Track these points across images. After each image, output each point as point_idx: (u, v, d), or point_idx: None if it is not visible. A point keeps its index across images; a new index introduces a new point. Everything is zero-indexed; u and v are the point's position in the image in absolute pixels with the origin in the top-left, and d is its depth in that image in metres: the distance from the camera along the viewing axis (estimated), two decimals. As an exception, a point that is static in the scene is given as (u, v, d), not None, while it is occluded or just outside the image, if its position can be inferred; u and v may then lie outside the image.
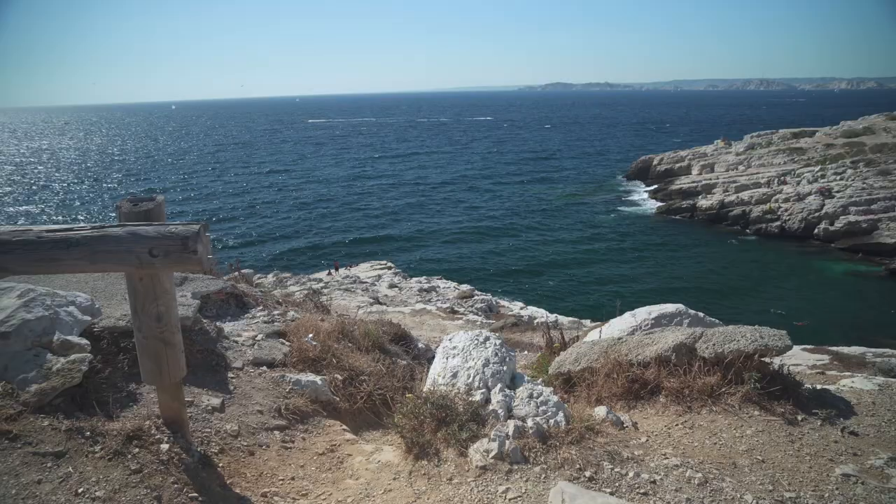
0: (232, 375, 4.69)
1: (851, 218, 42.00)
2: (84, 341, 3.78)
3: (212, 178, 78.96)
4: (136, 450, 3.17)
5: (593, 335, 6.14)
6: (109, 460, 3.08)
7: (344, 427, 4.60)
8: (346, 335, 5.86)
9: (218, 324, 5.39)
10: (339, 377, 5.12)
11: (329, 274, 27.95)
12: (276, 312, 6.39)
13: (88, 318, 4.05)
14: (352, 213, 57.60)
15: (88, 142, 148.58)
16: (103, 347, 4.04)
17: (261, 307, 6.51)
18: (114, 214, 3.08)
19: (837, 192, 45.46)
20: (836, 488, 3.32)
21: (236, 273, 9.41)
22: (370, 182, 74.96)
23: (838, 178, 47.65)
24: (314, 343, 5.43)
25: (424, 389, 4.12)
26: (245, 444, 3.91)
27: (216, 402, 4.16)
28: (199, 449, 3.56)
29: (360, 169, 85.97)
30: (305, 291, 19.31)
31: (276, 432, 4.18)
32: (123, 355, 4.04)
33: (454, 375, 4.04)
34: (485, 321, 16.52)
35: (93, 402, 3.54)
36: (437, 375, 4.13)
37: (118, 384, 3.87)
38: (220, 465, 3.61)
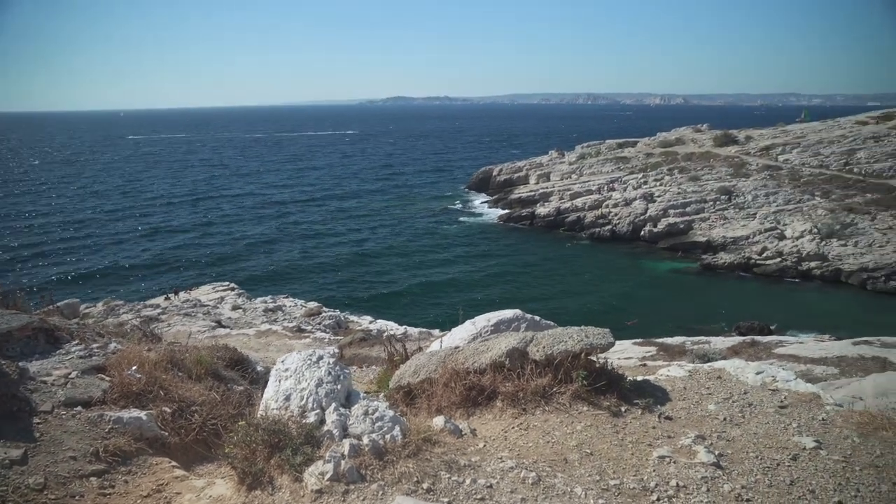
0: (38, 420, 4.20)
1: (671, 220, 46.23)
2: None
3: (29, 203, 69.93)
4: None
5: (434, 346, 6.20)
6: None
7: (173, 463, 4.28)
8: (175, 364, 5.47)
9: (21, 364, 4.82)
10: (168, 410, 4.76)
11: (167, 299, 26.17)
12: (94, 346, 5.85)
13: None
14: (193, 236, 54.45)
15: None
16: None
17: (77, 341, 5.92)
18: None
19: (658, 196, 49.81)
20: (654, 470, 3.60)
21: (49, 306, 8.53)
22: (212, 202, 71.51)
23: (658, 184, 52.27)
24: (138, 376, 5.02)
25: (258, 415, 3.93)
26: (53, 497, 3.50)
27: (16, 453, 3.70)
28: (-10, 511, 3.15)
29: (200, 189, 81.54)
30: (140, 319, 18.04)
31: (92, 479, 3.79)
32: None
33: (287, 398, 3.89)
34: (333, 338, 16.27)
35: None
36: (269, 400, 3.95)
37: None
38: (20, 526, 3.21)
